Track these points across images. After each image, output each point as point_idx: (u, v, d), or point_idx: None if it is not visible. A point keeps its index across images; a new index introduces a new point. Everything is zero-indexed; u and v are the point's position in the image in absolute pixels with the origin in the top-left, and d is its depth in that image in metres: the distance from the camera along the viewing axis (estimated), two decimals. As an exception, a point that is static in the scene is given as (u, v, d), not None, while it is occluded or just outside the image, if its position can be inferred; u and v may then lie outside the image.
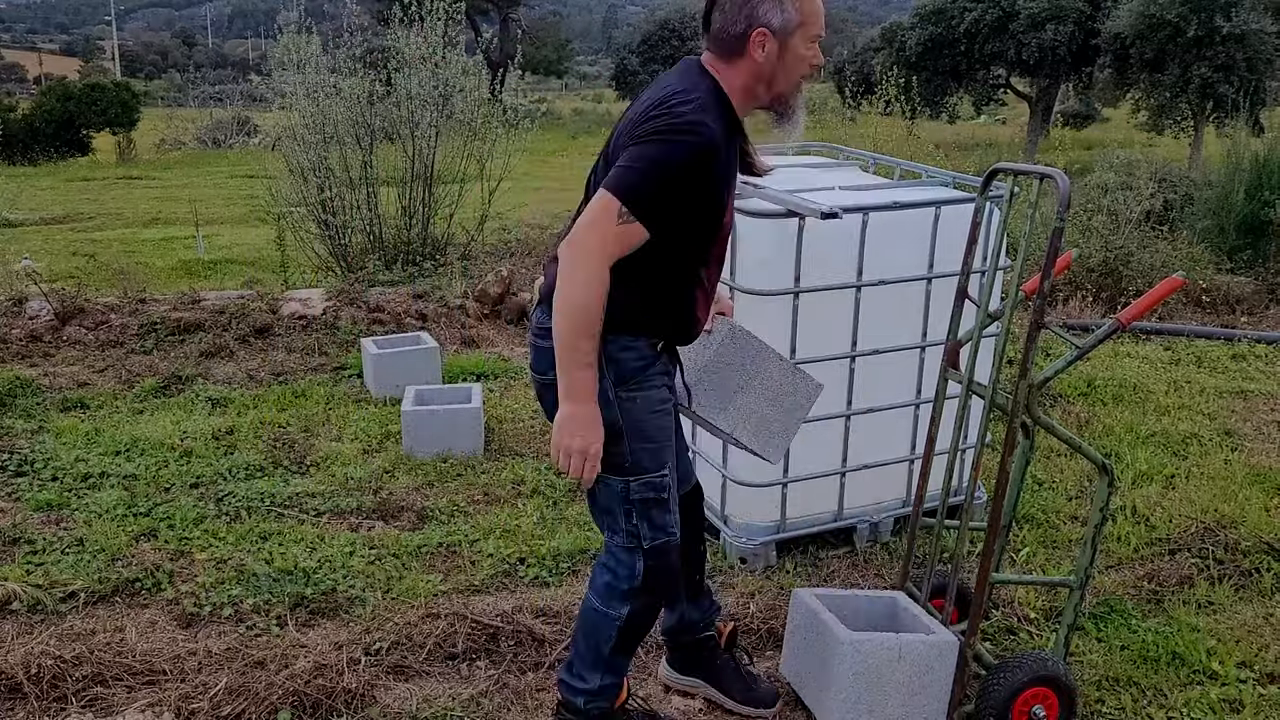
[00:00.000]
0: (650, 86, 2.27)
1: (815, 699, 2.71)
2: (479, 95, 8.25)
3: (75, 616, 3.22)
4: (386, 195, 8.13)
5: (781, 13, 2.12)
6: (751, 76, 2.17)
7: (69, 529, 3.80)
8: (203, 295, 6.60)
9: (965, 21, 23.46)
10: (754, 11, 2.11)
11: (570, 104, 43.27)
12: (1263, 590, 3.49)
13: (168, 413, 5.01)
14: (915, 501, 2.97)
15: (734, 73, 2.18)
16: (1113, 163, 10.27)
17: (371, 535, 3.80)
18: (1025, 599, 3.39)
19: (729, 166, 2.21)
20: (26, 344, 5.93)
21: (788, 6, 2.12)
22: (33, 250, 9.99)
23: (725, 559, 3.63)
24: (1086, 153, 20.94)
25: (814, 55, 2.20)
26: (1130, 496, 4.12)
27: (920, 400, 3.68)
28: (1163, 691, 2.94)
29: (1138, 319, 2.64)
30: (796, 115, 2.27)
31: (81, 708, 2.77)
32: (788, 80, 2.21)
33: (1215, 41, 18.03)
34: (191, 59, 75.77)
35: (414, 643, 3.08)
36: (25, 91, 44.27)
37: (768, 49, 2.14)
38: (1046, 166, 2.54)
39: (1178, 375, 5.71)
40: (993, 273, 2.78)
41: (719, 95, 2.17)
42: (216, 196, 16.84)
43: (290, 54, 7.78)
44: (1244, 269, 8.41)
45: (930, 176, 3.89)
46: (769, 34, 2.13)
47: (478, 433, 4.58)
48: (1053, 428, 2.66)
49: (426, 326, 6.33)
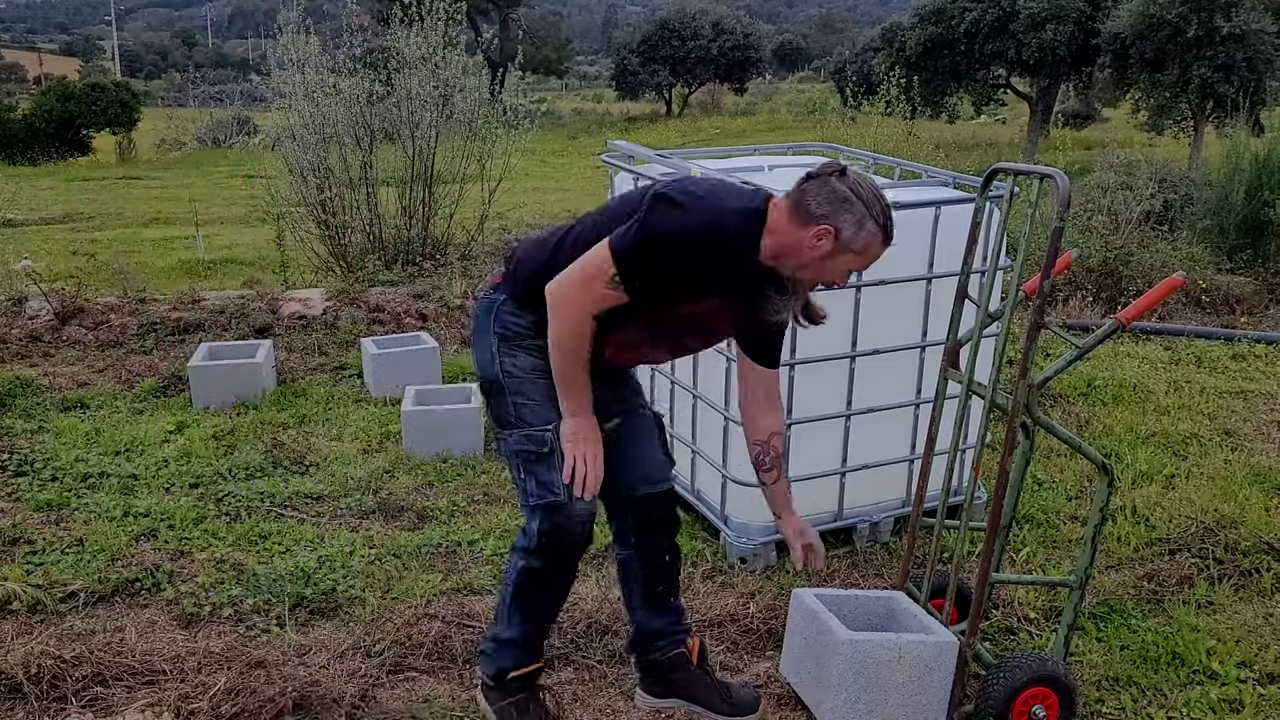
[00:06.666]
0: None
1: (814, 699, 2.71)
2: (479, 95, 8.24)
3: (75, 616, 3.22)
4: (386, 195, 8.12)
5: (855, 233, 2.25)
6: (793, 245, 2.28)
7: (69, 529, 3.80)
8: (203, 295, 6.60)
9: (965, 21, 23.41)
10: (839, 212, 2.24)
11: (570, 104, 43.23)
12: (1263, 590, 3.49)
13: (168, 413, 5.01)
14: (915, 501, 2.97)
15: (786, 228, 2.28)
16: (1113, 163, 10.25)
17: (371, 535, 3.80)
18: (1025, 599, 3.39)
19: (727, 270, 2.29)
20: (26, 344, 5.93)
21: (862, 233, 2.25)
22: (33, 250, 9.96)
23: (725, 559, 3.63)
24: (1086, 153, 20.94)
25: (842, 277, 2.34)
26: (1130, 496, 4.11)
27: (920, 400, 3.68)
28: (1163, 691, 2.94)
29: (1138, 319, 2.64)
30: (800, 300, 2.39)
31: (81, 708, 2.77)
32: (813, 277, 2.33)
33: (1215, 41, 17.99)
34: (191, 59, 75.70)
35: (414, 643, 3.08)
36: (25, 91, 44.26)
37: (822, 244, 2.25)
38: (1046, 166, 2.54)
39: (1178, 375, 5.71)
40: (993, 273, 2.78)
41: (759, 219, 2.28)
42: (216, 196, 16.82)
43: (290, 54, 7.77)
44: (1244, 269, 8.40)
45: (930, 176, 3.89)
46: (833, 235, 2.24)
47: (477, 433, 4.58)
48: (1053, 428, 2.66)
49: (426, 326, 6.33)
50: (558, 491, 2.36)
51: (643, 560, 2.58)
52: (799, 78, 50.93)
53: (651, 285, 2.26)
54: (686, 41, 36.85)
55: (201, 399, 5.10)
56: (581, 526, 2.39)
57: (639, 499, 2.53)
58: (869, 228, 2.25)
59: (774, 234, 2.28)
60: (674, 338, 2.49)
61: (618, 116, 38.57)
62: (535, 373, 2.39)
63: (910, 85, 24.60)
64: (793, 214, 2.27)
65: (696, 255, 2.23)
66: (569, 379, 2.32)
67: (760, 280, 2.33)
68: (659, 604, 2.63)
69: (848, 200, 2.24)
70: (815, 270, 2.30)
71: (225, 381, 5.14)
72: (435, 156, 8.08)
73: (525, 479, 2.39)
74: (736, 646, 3.15)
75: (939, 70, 24.95)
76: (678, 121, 36.01)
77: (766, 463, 2.57)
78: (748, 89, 40.99)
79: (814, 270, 2.30)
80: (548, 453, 2.36)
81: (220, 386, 5.12)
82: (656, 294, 2.29)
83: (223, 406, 5.07)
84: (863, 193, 2.25)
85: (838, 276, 2.33)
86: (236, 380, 5.14)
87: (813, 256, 2.27)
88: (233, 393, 5.12)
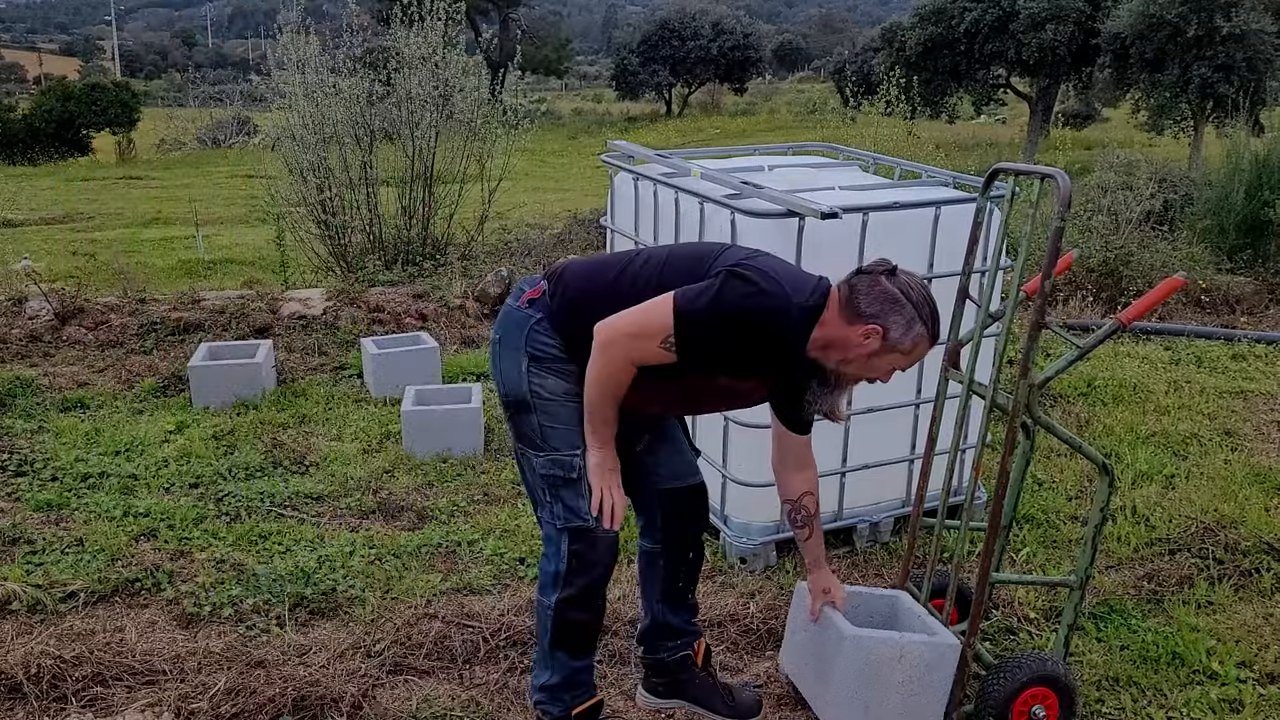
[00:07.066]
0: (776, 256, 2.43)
1: (813, 692, 2.71)
2: (479, 95, 8.24)
3: (75, 616, 3.22)
4: (386, 195, 8.12)
5: (904, 334, 2.28)
6: (841, 341, 2.30)
7: (69, 529, 3.80)
8: (203, 295, 6.59)
9: (965, 21, 23.41)
10: (888, 312, 2.26)
11: (570, 104, 43.22)
12: (1263, 590, 3.49)
13: (168, 413, 5.01)
14: (916, 501, 2.97)
15: (836, 322, 2.30)
16: (1113, 163, 10.24)
17: (371, 535, 3.80)
18: (1025, 599, 3.39)
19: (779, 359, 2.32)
20: (26, 344, 5.93)
21: (909, 335, 2.28)
22: (33, 250, 9.97)
23: (725, 559, 3.63)
24: (1086, 153, 20.94)
25: (886, 374, 2.37)
26: (1130, 496, 4.11)
27: (920, 400, 3.68)
28: (1163, 691, 2.94)
29: (1138, 319, 2.64)
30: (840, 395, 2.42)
31: (81, 708, 2.77)
32: (857, 372, 2.35)
33: (1215, 41, 18.00)
34: (191, 59, 75.68)
35: (413, 643, 3.08)
36: (25, 91, 44.25)
37: (870, 342, 2.28)
38: (1048, 166, 2.54)
39: (1178, 375, 5.71)
40: (994, 273, 2.78)
41: (819, 315, 2.30)
42: (216, 196, 16.83)
43: (290, 54, 7.77)
44: (1244, 269, 8.39)
45: (930, 176, 3.89)
46: (881, 335, 2.27)
47: (477, 433, 4.58)
48: (1053, 428, 2.66)
49: (426, 326, 6.33)
50: (586, 517, 2.40)
51: (668, 553, 2.63)
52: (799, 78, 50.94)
53: (702, 355, 2.27)
54: (686, 41, 36.84)
55: (201, 399, 5.11)
56: (609, 548, 2.44)
57: (669, 491, 2.59)
58: (917, 329, 2.27)
59: (824, 327, 2.30)
60: (698, 401, 2.56)
61: (618, 116, 38.57)
62: (564, 396, 2.41)
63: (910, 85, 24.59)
64: (842, 310, 2.29)
65: (755, 339, 2.26)
66: (599, 415, 2.35)
67: (804, 371, 2.37)
68: (678, 599, 2.67)
69: (897, 301, 2.26)
70: (860, 366, 2.33)
71: (225, 381, 5.14)
72: (435, 156, 8.08)
73: (552, 501, 2.42)
74: (736, 646, 3.15)
75: (939, 70, 24.95)
76: (678, 121, 36.02)
77: (799, 520, 2.63)
78: (748, 89, 41.00)
79: (859, 366, 2.33)
80: (576, 479, 2.39)
81: (220, 386, 5.12)
82: (703, 364, 2.31)
83: (223, 406, 5.08)
84: (913, 294, 2.28)
85: (881, 374, 2.36)
86: (236, 380, 5.15)
87: (859, 354, 2.30)
88: (233, 393, 5.12)
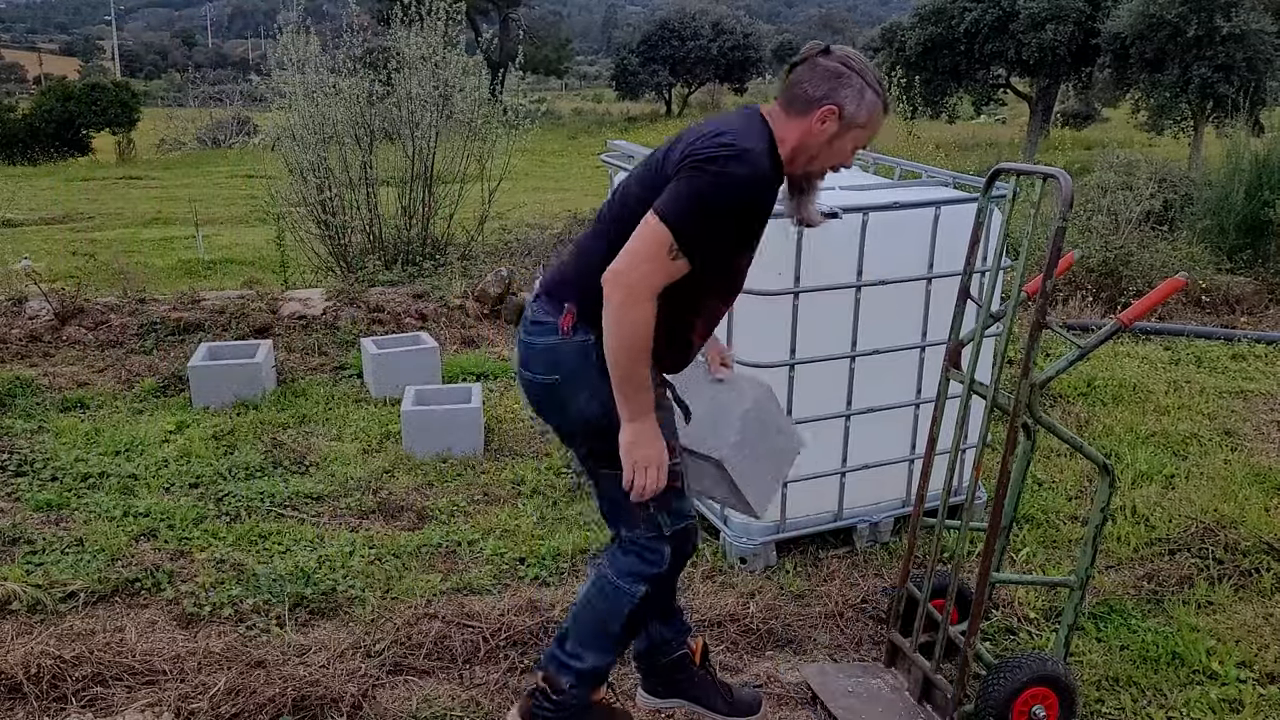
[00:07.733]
0: (701, 121, 2.33)
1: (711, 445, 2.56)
2: (479, 95, 8.25)
3: (75, 616, 3.22)
4: (386, 195, 8.12)
5: (858, 105, 2.21)
6: (802, 140, 2.24)
7: (69, 529, 3.80)
8: (202, 295, 6.59)
9: (965, 21, 23.43)
10: (838, 88, 2.20)
11: (570, 104, 43.26)
12: (1262, 590, 3.49)
13: (168, 413, 5.01)
14: (916, 501, 2.97)
15: (790, 128, 2.24)
16: (1113, 163, 10.24)
17: (371, 535, 3.80)
18: (1025, 599, 3.39)
19: (771, 206, 2.27)
20: (26, 344, 5.93)
21: (864, 105, 2.22)
22: (33, 250, 9.97)
23: (725, 559, 3.63)
24: (1086, 153, 20.95)
25: (850, 156, 2.31)
26: (1130, 496, 4.11)
27: (920, 400, 3.68)
28: (1163, 691, 2.94)
29: (1139, 319, 2.64)
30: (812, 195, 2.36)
31: (81, 708, 2.77)
32: (824, 163, 2.29)
33: (1215, 41, 18.01)
34: (191, 59, 75.68)
35: (413, 643, 3.08)
36: (25, 91, 44.26)
37: (827, 125, 2.22)
38: (1049, 167, 2.54)
39: (1178, 375, 5.71)
40: (995, 273, 2.78)
41: (773, 142, 2.24)
42: (216, 196, 16.84)
43: (290, 54, 7.77)
44: (1244, 269, 8.40)
45: (930, 176, 3.89)
46: (837, 113, 2.21)
47: (477, 433, 4.58)
48: (1054, 428, 2.66)
49: (426, 326, 6.33)
50: (690, 515, 2.40)
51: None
52: (799, 78, 50.81)
53: (713, 246, 2.19)
54: (686, 41, 36.85)
55: (201, 399, 5.10)
56: (696, 533, 2.45)
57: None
58: (869, 98, 2.22)
59: (784, 141, 2.24)
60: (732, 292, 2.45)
61: (618, 116, 38.59)
62: None
63: (910, 85, 24.60)
64: (790, 110, 2.23)
65: (749, 203, 2.19)
66: (631, 379, 2.17)
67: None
68: (669, 614, 2.64)
69: (841, 75, 2.20)
70: (825, 156, 2.27)
71: (225, 381, 5.14)
72: (435, 156, 8.08)
73: (656, 513, 2.35)
74: (736, 646, 3.15)
75: (939, 70, 24.96)
76: (678, 121, 35.99)
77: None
78: (747, 89, 40.98)
79: (823, 157, 2.27)
80: (679, 485, 2.36)
81: (220, 386, 5.12)
82: (718, 255, 2.22)
83: (223, 406, 5.08)
84: (853, 63, 2.21)
85: (845, 158, 2.29)
86: (236, 380, 5.15)
87: (819, 141, 2.23)
88: (233, 393, 5.12)
